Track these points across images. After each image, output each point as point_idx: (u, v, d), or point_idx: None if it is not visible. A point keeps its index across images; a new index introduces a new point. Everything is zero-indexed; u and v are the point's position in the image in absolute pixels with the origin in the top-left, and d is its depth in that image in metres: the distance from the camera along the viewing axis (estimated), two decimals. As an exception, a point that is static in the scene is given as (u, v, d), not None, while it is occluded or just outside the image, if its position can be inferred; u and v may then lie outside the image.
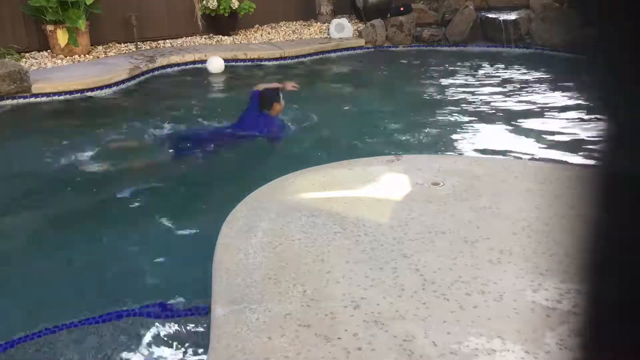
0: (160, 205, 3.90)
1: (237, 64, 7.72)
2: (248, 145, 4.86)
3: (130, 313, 2.71)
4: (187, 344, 2.51)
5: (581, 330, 0.55)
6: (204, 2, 8.47)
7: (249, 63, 7.78)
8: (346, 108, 6.10)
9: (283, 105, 4.90)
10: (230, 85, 7.19)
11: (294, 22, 9.55)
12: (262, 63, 7.83)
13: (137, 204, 3.91)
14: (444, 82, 6.92)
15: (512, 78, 7.03)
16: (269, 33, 8.97)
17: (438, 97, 6.38)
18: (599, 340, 0.54)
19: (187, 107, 6.08)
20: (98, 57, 7.62)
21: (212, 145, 4.76)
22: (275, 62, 7.88)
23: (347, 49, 8.46)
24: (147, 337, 2.57)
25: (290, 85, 5.18)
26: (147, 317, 2.69)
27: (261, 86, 5.06)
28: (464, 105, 6.02)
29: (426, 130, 5.26)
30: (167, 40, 8.44)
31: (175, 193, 4.11)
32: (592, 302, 0.54)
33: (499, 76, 7.15)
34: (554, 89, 6.47)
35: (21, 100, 6.12)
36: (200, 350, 2.39)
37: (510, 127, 5.28)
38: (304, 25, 9.43)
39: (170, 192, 4.13)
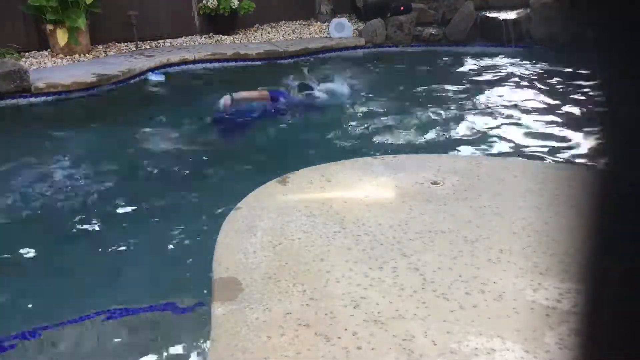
0: (161, 205, 3.90)
1: (237, 63, 7.72)
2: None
3: (131, 312, 2.71)
4: (187, 343, 2.51)
5: (580, 330, 0.56)
6: (204, 1, 8.47)
7: (249, 62, 7.77)
8: (345, 107, 6.09)
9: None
10: (228, 84, 7.18)
11: (294, 21, 9.54)
12: (262, 62, 7.82)
13: (137, 203, 3.91)
14: (444, 81, 6.92)
15: (512, 77, 7.02)
16: (268, 32, 8.97)
17: (438, 96, 6.38)
18: (598, 339, 0.54)
19: (186, 107, 6.07)
20: (98, 57, 7.62)
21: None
22: (274, 62, 7.87)
23: (347, 48, 8.45)
24: (147, 337, 2.57)
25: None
26: (147, 316, 2.69)
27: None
28: (464, 104, 6.02)
29: (426, 130, 5.26)
30: (167, 40, 8.44)
31: (175, 192, 4.11)
32: (591, 302, 0.54)
33: (499, 75, 7.14)
34: (554, 88, 6.47)
35: (21, 100, 6.12)
36: (201, 350, 2.39)
37: (510, 127, 5.28)
38: (304, 24, 9.42)
39: (171, 192, 4.13)
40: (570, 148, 4.66)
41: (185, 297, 2.81)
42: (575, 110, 5.61)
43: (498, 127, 5.32)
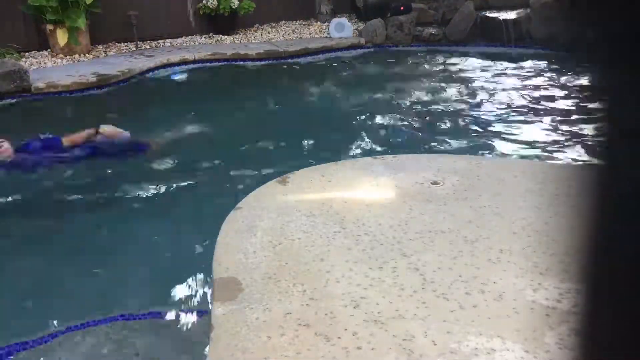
0: (161, 205, 3.91)
1: (237, 63, 7.72)
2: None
3: (131, 312, 2.71)
4: (187, 344, 2.51)
5: (580, 330, 0.56)
6: (204, 1, 8.47)
7: (249, 62, 7.77)
8: (346, 107, 6.10)
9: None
10: (229, 84, 7.18)
11: (294, 21, 9.54)
12: (262, 62, 7.83)
13: (136, 203, 3.91)
14: (444, 81, 6.92)
15: (511, 77, 7.02)
16: (268, 32, 8.97)
17: (438, 96, 6.38)
18: (598, 339, 0.54)
19: (186, 106, 6.07)
20: (98, 57, 7.62)
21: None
22: (275, 62, 7.88)
23: (347, 48, 8.45)
24: (147, 337, 2.57)
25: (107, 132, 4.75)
26: (147, 316, 2.69)
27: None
28: (464, 104, 6.02)
29: (426, 130, 5.26)
30: (167, 40, 8.43)
31: (175, 192, 4.12)
32: (591, 302, 0.54)
33: (498, 76, 7.15)
34: (554, 88, 6.47)
35: (21, 100, 6.12)
36: (201, 350, 2.38)
37: (510, 127, 5.28)
38: (304, 24, 9.42)
39: (171, 192, 4.13)
40: (570, 148, 4.66)
41: (185, 297, 2.81)
42: (576, 110, 5.61)
43: (498, 127, 5.32)
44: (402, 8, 8.66)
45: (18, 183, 4.28)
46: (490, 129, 5.28)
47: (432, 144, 4.95)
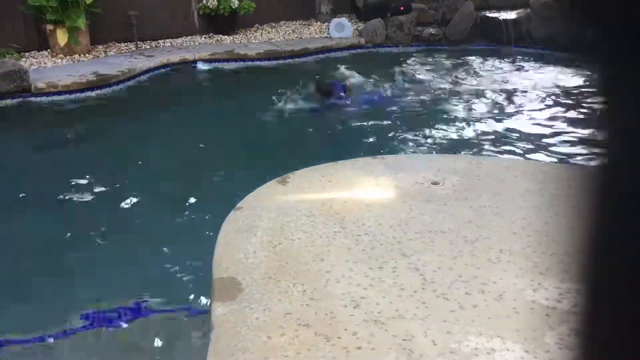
0: (161, 205, 3.91)
1: (237, 63, 7.72)
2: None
3: (131, 312, 2.71)
4: (187, 344, 2.51)
5: (580, 330, 0.56)
6: (204, 1, 8.47)
7: (249, 62, 7.77)
8: (346, 107, 6.09)
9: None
10: (229, 84, 7.19)
11: (294, 21, 9.54)
12: (262, 62, 7.83)
13: (136, 204, 3.91)
14: (444, 81, 6.92)
15: (512, 78, 7.02)
16: (268, 32, 8.97)
17: (438, 96, 6.38)
18: (598, 339, 0.54)
19: (186, 106, 6.08)
20: (98, 57, 7.62)
21: None
22: (275, 62, 7.87)
23: (347, 48, 8.45)
24: (148, 337, 2.57)
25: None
26: (147, 316, 2.69)
27: None
28: (464, 104, 6.02)
29: (426, 130, 5.26)
30: (167, 40, 8.43)
31: (175, 192, 4.12)
32: (591, 302, 0.54)
33: (498, 76, 7.14)
34: (554, 88, 6.47)
35: (21, 100, 6.12)
36: (201, 350, 2.39)
37: (510, 127, 5.28)
38: (304, 24, 9.42)
39: (171, 192, 4.13)
40: (570, 148, 4.66)
41: (185, 297, 2.81)
42: (576, 110, 5.61)
43: (498, 127, 5.33)
44: (402, 8, 8.66)
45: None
46: (491, 129, 5.28)
47: (432, 144, 4.96)
